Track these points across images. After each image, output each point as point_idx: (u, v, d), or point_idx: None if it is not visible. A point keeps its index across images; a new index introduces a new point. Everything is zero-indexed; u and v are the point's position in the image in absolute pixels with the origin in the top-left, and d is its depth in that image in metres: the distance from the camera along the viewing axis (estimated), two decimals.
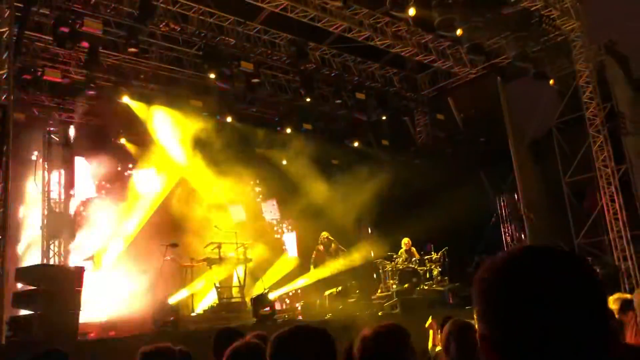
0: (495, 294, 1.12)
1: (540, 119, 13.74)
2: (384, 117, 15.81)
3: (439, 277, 12.54)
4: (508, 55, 13.08)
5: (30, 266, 9.44)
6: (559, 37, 12.91)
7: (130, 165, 14.22)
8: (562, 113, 13.79)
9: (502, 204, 13.77)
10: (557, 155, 13.63)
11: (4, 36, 8.08)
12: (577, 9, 12.69)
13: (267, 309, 9.59)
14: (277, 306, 11.71)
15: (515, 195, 13.67)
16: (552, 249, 1.15)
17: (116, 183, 13.86)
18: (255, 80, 13.30)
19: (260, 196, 16.70)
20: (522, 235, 13.50)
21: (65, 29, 10.40)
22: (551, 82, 13.28)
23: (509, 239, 13.54)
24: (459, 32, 11.64)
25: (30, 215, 11.97)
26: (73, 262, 11.60)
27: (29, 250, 11.59)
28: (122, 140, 13.72)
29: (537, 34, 12.51)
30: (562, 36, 12.96)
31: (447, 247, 12.72)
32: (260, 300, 9.84)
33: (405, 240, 13.05)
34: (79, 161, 13.26)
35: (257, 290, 11.83)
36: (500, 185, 14.01)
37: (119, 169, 14.04)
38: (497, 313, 1.10)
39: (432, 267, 12.72)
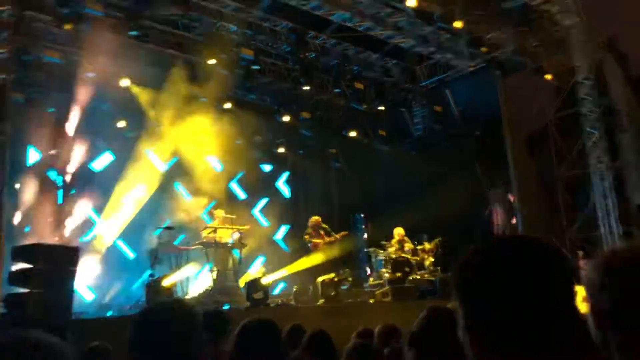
0: (471, 280, 1.21)
1: (537, 114, 13.80)
2: (381, 108, 15.85)
3: (431, 267, 12.66)
4: (507, 49, 13.10)
5: (26, 245, 9.51)
6: (558, 32, 12.93)
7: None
8: (559, 109, 13.85)
9: (496, 196, 13.84)
10: (552, 150, 13.71)
11: (4, 15, 8.12)
12: (577, 5, 12.69)
13: (260, 293, 9.71)
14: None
15: (509, 189, 13.76)
16: (522, 237, 1.23)
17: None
18: (255, 67, 13.34)
19: None
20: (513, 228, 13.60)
21: (66, 10, 10.48)
22: (549, 77, 13.33)
23: (501, 231, 13.63)
24: (459, 24, 11.68)
25: (27, 193, 12.02)
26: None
27: (25, 228, 11.66)
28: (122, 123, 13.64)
29: (537, 29, 12.55)
30: (561, 32, 12.97)
31: (440, 238, 12.81)
32: (254, 285, 9.95)
33: (399, 230, 13.12)
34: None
35: (251, 275, 11.94)
36: (494, 178, 14.08)
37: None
38: (472, 298, 1.20)
39: (425, 257, 12.83)
